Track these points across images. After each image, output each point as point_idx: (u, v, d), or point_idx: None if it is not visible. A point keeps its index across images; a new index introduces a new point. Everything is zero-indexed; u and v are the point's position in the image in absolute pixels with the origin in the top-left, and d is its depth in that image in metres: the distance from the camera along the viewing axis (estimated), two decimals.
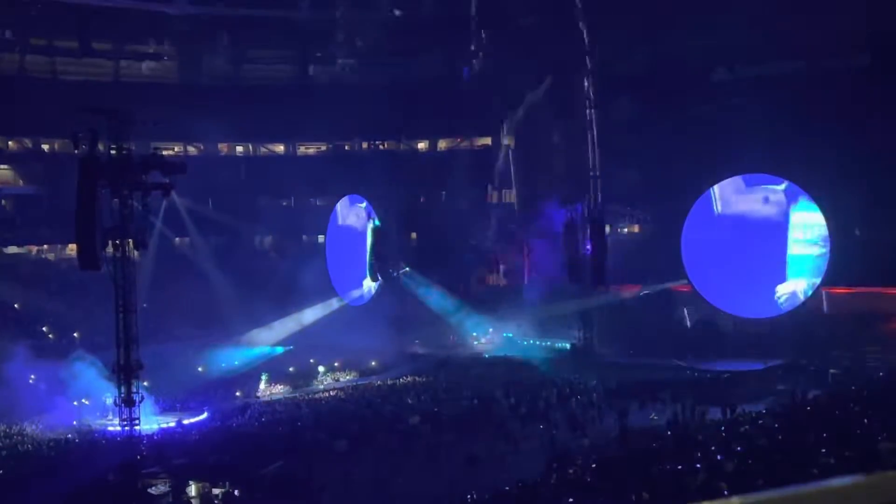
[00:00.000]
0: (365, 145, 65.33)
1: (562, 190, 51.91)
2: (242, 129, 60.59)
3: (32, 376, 39.91)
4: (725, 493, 17.03)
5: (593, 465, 24.21)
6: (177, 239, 56.57)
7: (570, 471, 24.13)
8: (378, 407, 36.89)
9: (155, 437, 33.01)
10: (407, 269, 56.34)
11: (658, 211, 54.38)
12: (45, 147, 59.40)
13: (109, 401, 33.80)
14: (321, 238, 62.25)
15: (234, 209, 58.56)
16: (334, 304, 57.07)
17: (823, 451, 19.62)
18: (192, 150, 62.02)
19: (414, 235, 61.66)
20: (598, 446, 28.41)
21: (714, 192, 48.73)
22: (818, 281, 45.42)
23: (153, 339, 37.48)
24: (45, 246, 58.54)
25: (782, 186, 46.60)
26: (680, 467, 20.84)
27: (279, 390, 43.27)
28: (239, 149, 65.68)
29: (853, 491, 2.97)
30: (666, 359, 43.83)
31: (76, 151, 29.90)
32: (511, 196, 63.67)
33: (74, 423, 35.59)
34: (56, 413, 35.99)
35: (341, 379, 45.64)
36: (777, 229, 46.67)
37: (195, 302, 50.03)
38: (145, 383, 32.15)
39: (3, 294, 48.75)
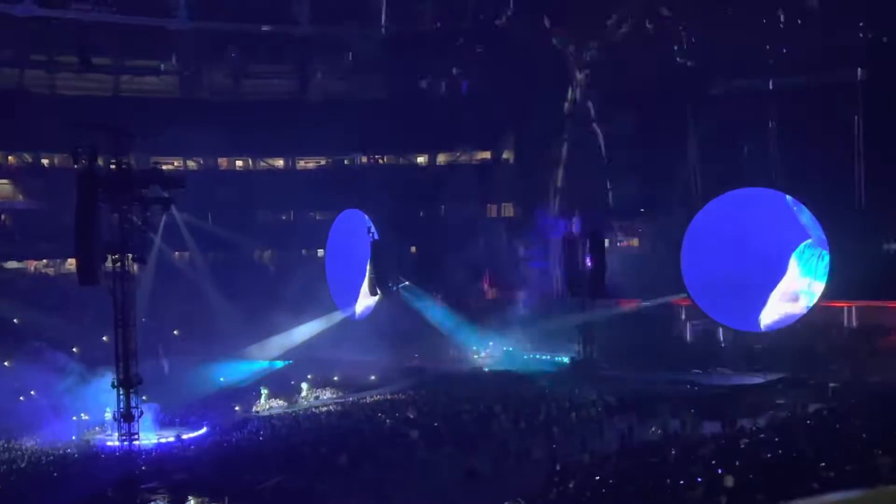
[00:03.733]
0: (364, 160, 65.43)
1: (561, 203, 51.99)
2: (242, 144, 60.70)
3: (32, 392, 39.92)
4: None
5: (595, 479, 24.15)
6: (176, 253, 56.56)
7: (571, 485, 24.06)
8: (378, 421, 36.81)
9: (154, 452, 32.92)
10: (406, 283, 56.31)
11: (658, 224, 54.42)
12: (45, 162, 59.49)
13: (109, 416, 33.77)
14: (321, 252, 62.27)
15: (234, 223, 58.58)
16: (334, 318, 57.03)
17: (823, 465, 19.60)
18: (191, 164, 62.12)
19: (413, 249, 61.67)
20: (598, 461, 28.34)
21: (714, 206, 48.77)
22: (817, 294, 45.39)
23: (152, 354, 37.47)
24: (45, 261, 58.57)
25: (783, 199, 46.62)
26: (681, 482, 20.81)
27: (278, 405, 43.19)
28: (238, 163, 65.75)
29: None
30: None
31: (76, 166, 29.93)
32: (510, 210, 63.73)
33: (73, 437, 35.51)
34: (54, 428, 35.92)
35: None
36: (777, 242, 46.69)
37: (194, 316, 50.00)
38: (144, 398, 32.14)
39: (1, 309, 48.68)
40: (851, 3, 46.33)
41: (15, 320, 49.42)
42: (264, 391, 43.88)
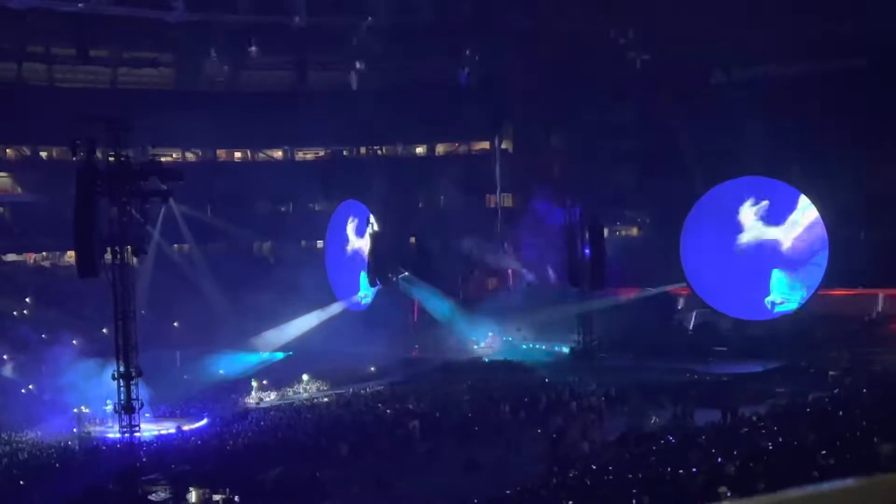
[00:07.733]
0: (363, 151, 65.26)
1: (560, 193, 51.92)
2: (241, 136, 60.57)
3: (31, 385, 39.91)
4: (727, 495, 17.05)
5: (593, 469, 24.20)
6: (175, 246, 56.47)
7: (571, 475, 24.12)
8: (378, 412, 36.84)
9: (155, 444, 32.94)
10: (406, 273, 56.27)
11: (657, 213, 54.38)
12: (44, 155, 59.44)
13: (109, 408, 33.77)
14: (320, 244, 62.23)
15: (233, 215, 58.49)
16: (334, 309, 56.96)
17: (823, 452, 19.63)
18: (190, 156, 62.03)
19: (413, 240, 61.61)
20: (599, 450, 28.39)
21: (713, 195, 48.71)
22: (815, 283, 45.38)
23: (152, 346, 37.43)
24: (44, 254, 58.53)
25: (781, 188, 46.58)
26: (680, 471, 20.85)
27: (272, 397, 43.10)
28: (237, 155, 65.64)
29: (853, 493, 2.99)
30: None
31: (74, 159, 29.89)
32: (509, 200, 63.67)
33: (74, 430, 35.52)
34: (56, 420, 35.93)
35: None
36: (775, 232, 46.66)
37: (194, 309, 49.95)
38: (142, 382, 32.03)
39: (1, 303, 48.63)
40: None
41: (14, 313, 49.37)
42: (254, 383, 43.78)
